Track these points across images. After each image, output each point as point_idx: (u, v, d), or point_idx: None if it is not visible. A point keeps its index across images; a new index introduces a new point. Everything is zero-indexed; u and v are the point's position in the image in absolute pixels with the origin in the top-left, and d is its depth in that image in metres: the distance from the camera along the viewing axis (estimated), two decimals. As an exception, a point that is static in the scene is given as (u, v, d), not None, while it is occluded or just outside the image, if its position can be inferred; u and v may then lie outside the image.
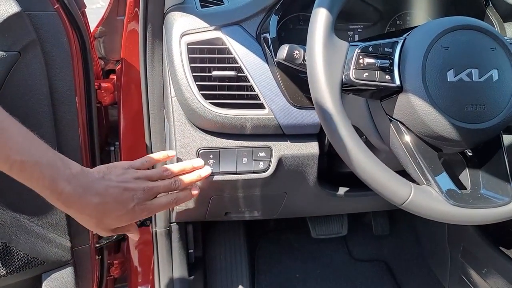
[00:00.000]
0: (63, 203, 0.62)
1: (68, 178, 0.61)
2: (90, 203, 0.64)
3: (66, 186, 0.61)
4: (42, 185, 0.59)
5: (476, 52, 0.66)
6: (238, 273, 1.47)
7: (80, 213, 0.65)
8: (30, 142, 0.58)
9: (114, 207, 0.67)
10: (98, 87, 1.12)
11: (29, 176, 0.58)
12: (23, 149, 0.57)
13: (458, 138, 0.65)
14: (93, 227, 0.69)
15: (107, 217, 0.67)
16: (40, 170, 0.58)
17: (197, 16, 0.86)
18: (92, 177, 0.66)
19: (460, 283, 1.33)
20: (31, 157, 0.57)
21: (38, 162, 0.58)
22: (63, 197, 0.61)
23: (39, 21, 0.82)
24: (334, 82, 0.64)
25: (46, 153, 0.60)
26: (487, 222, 0.67)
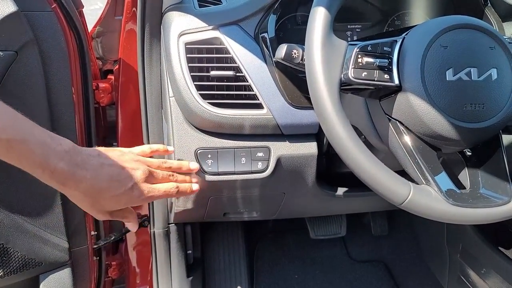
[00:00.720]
0: (56, 181, 0.59)
1: (60, 155, 0.58)
2: (84, 179, 0.61)
3: (59, 163, 0.58)
4: (32, 163, 0.56)
5: (475, 51, 0.66)
6: (237, 274, 1.47)
7: (74, 189, 0.61)
8: (14, 120, 0.55)
9: (110, 185, 0.63)
10: (96, 87, 1.12)
11: (18, 155, 0.55)
12: (8, 127, 0.54)
13: (457, 137, 0.65)
14: (88, 207, 0.65)
15: (102, 196, 0.63)
16: (29, 148, 0.55)
17: (195, 16, 0.85)
18: (86, 153, 0.62)
19: (459, 283, 1.33)
20: (17, 135, 0.54)
21: (26, 140, 0.55)
22: (56, 174, 0.58)
23: (36, 21, 0.82)
24: (332, 81, 0.64)
25: (33, 130, 0.57)
26: (487, 221, 0.66)
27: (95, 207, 0.65)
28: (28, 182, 0.87)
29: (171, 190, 0.72)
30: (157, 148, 0.79)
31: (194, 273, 1.30)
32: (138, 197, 0.67)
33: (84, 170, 0.61)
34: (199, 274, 1.37)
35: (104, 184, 0.63)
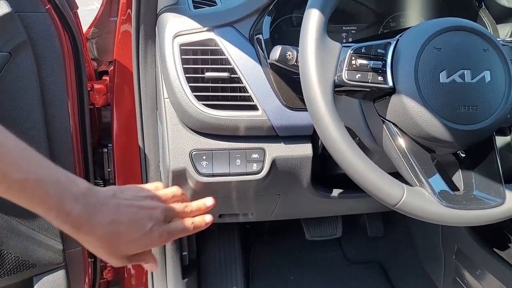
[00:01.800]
0: (71, 225, 0.54)
1: (75, 197, 0.53)
2: (101, 224, 0.56)
3: (75, 206, 0.53)
4: (47, 206, 0.52)
5: (469, 53, 0.66)
6: (233, 275, 1.46)
7: (91, 235, 0.56)
8: (29, 158, 0.51)
9: (128, 228, 0.58)
10: (91, 88, 1.12)
11: (31, 196, 0.50)
12: (22, 166, 0.49)
13: (451, 139, 0.65)
14: (105, 254, 0.59)
15: (120, 240, 0.58)
16: (44, 189, 0.51)
17: (190, 17, 0.85)
18: (101, 195, 0.58)
19: (454, 284, 1.34)
20: (32, 175, 0.50)
21: (41, 180, 0.50)
22: (71, 218, 0.53)
23: (30, 22, 0.82)
24: (326, 83, 0.64)
25: (48, 170, 0.52)
26: (480, 223, 0.66)
27: (113, 253, 0.60)
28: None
29: (189, 227, 0.66)
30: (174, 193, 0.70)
31: (190, 275, 1.30)
32: (159, 238, 0.61)
33: (101, 213, 0.56)
34: (195, 275, 1.37)
35: (122, 227, 0.58)
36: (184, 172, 0.87)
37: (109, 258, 0.60)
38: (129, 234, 0.58)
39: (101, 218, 0.56)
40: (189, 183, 0.90)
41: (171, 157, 0.87)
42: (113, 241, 0.58)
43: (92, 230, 0.55)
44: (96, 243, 0.57)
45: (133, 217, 0.59)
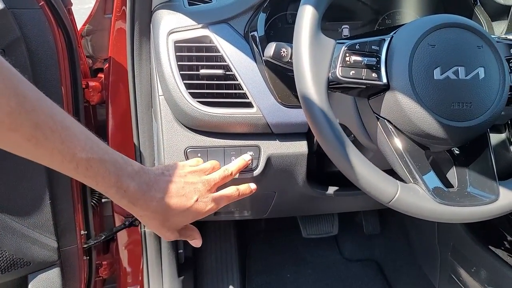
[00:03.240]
0: (128, 200, 0.61)
1: (131, 175, 0.61)
2: (154, 199, 0.63)
3: (131, 183, 0.61)
4: (107, 183, 0.59)
5: (463, 50, 0.66)
6: (229, 273, 1.46)
7: (145, 210, 0.64)
8: (92, 140, 0.57)
9: (178, 202, 0.66)
10: (86, 86, 1.11)
11: (95, 174, 0.57)
12: (87, 147, 0.55)
13: (445, 136, 0.65)
14: (159, 226, 0.67)
15: (171, 213, 0.66)
16: (106, 167, 0.57)
17: (185, 14, 0.85)
18: (152, 173, 0.65)
19: (449, 281, 1.34)
20: (95, 155, 0.56)
21: (103, 159, 0.57)
22: (129, 194, 0.61)
23: (23, 18, 0.81)
24: (320, 80, 0.64)
25: (108, 151, 0.59)
26: (473, 220, 0.67)
27: (165, 225, 0.67)
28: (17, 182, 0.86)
29: (233, 193, 0.76)
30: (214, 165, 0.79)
31: (186, 273, 1.30)
32: (205, 207, 0.69)
33: (153, 189, 0.64)
34: (191, 273, 1.37)
35: (172, 201, 0.65)
36: (179, 169, 0.87)
37: (162, 230, 0.68)
38: (178, 207, 0.66)
39: (154, 194, 0.63)
40: (184, 180, 0.90)
41: (166, 154, 0.87)
42: (165, 214, 0.65)
43: (147, 204, 0.63)
44: (150, 217, 0.65)
45: (180, 191, 0.67)
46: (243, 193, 0.78)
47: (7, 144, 0.51)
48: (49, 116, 0.51)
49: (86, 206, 1.06)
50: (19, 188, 0.87)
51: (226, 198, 0.74)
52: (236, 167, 0.80)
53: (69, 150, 0.53)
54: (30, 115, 0.49)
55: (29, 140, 0.50)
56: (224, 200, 0.73)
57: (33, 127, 0.50)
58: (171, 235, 0.70)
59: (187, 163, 0.76)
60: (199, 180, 0.71)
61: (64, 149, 0.53)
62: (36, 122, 0.50)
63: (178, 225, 0.70)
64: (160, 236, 0.71)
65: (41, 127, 0.50)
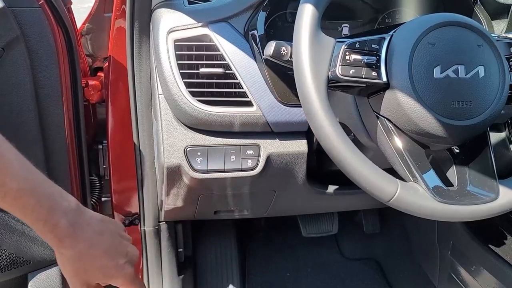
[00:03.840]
0: (55, 235, 0.57)
1: (65, 211, 0.57)
2: (82, 240, 0.58)
3: (62, 219, 0.56)
4: (36, 216, 0.55)
5: (463, 48, 0.66)
6: (229, 272, 1.46)
7: (70, 249, 0.58)
8: (27, 170, 0.54)
9: (105, 255, 0.61)
10: (86, 84, 1.11)
11: (23, 205, 0.54)
12: (20, 176, 0.53)
13: (445, 134, 0.65)
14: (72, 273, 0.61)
15: (94, 263, 0.60)
16: (36, 199, 0.54)
17: (184, 13, 0.85)
18: (90, 215, 0.61)
19: (449, 280, 1.34)
20: (28, 185, 0.53)
21: (35, 191, 0.54)
22: (57, 229, 0.56)
23: (23, 17, 0.81)
24: (320, 78, 0.64)
25: (43, 183, 0.56)
26: (473, 218, 0.67)
27: (80, 275, 0.61)
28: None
29: None
30: None
31: (186, 271, 1.30)
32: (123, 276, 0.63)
33: (86, 232, 0.59)
34: (190, 272, 1.37)
35: (100, 251, 0.61)
36: (179, 168, 0.87)
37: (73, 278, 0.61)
38: (103, 260, 0.61)
39: (84, 236, 0.58)
40: (184, 179, 0.90)
41: (165, 153, 0.87)
42: (86, 261, 0.60)
43: (73, 244, 0.58)
44: (70, 259, 0.59)
45: (113, 246, 0.62)
46: None
47: None
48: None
49: (86, 204, 1.06)
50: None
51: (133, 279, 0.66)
52: None
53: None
54: None
55: None
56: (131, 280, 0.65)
57: None
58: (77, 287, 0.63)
59: None
60: (135, 251, 0.66)
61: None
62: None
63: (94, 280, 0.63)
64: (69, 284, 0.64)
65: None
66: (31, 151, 0.88)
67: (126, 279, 0.64)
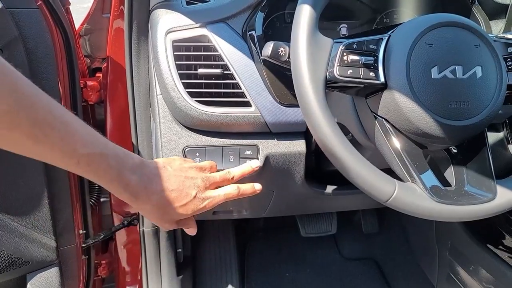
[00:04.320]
0: (130, 193, 0.62)
1: (132, 169, 0.61)
2: (155, 192, 0.64)
3: (132, 176, 0.61)
4: (109, 177, 0.59)
5: (460, 49, 0.66)
6: (228, 272, 1.47)
7: (146, 203, 0.64)
8: (92, 135, 0.57)
9: (178, 196, 0.67)
10: (84, 85, 1.11)
11: (96, 168, 0.57)
12: (88, 142, 0.55)
13: (442, 135, 0.65)
14: (158, 218, 0.69)
15: (171, 206, 0.67)
16: (107, 162, 0.58)
17: (183, 13, 0.85)
18: (153, 167, 0.66)
19: (448, 280, 1.34)
20: (96, 149, 0.56)
21: (104, 154, 0.57)
22: (130, 187, 0.61)
23: (21, 18, 0.81)
24: (318, 79, 0.64)
25: (108, 145, 0.59)
26: (471, 218, 0.67)
27: (164, 217, 0.69)
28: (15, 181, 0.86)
29: (233, 192, 0.75)
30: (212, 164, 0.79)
31: (184, 272, 1.30)
32: (203, 202, 0.70)
33: (154, 183, 0.65)
34: (189, 272, 1.37)
35: (172, 195, 0.66)
36: (177, 169, 0.87)
37: (161, 222, 0.70)
38: (178, 201, 0.67)
39: (155, 187, 0.64)
40: (183, 179, 0.90)
41: (164, 154, 0.87)
42: (165, 208, 0.66)
43: (148, 198, 0.64)
44: (151, 209, 0.66)
45: (180, 186, 0.68)
46: (243, 193, 0.77)
47: (6, 143, 0.50)
48: (47, 112, 0.51)
49: (85, 205, 1.06)
50: (17, 187, 0.87)
51: (224, 196, 0.74)
52: (240, 172, 0.79)
53: (69, 146, 0.53)
54: (28, 112, 0.49)
55: (28, 137, 0.50)
56: (222, 198, 0.74)
57: (32, 124, 0.49)
58: (169, 226, 0.72)
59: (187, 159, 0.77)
60: (198, 176, 0.71)
61: (64, 145, 0.53)
62: (35, 119, 0.49)
63: (178, 218, 0.70)
64: (159, 226, 0.72)
65: (40, 124, 0.50)
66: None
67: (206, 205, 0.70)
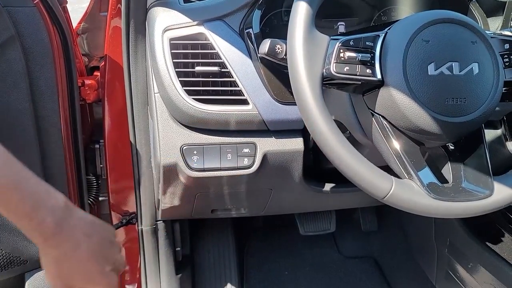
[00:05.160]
0: (40, 234, 0.55)
1: (52, 208, 0.55)
2: (69, 241, 0.56)
3: (48, 217, 0.54)
4: (21, 212, 0.53)
5: (457, 45, 0.66)
6: (227, 270, 1.47)
7: (55, 248, 0.56)
8: (11, 166, 0.53)
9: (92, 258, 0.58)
10: (82, 84, 1.11)
11: (7, 201, 0.52)
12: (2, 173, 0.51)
13: (439, 131, 0.65)
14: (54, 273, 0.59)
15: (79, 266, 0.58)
16: (21, 197, 0.52)
17: (180, 11, 0.85)
18: (79, 215, 0.59)
19: (447, 278, 1.34)
20: (11, 181, 0.52)
21: (19, 187, 0.52)
22: (42, 228, 0.54)
23: (18, 16, 0.81)
24: (314, 76, 0.64)
25: (29, 180, 0.54)
26: (468, 215, 0.67)
27: (62, 277, 0.59)
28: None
29: None
30: None
31: (183, 270, 1.30)
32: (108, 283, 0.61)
33: (72, 232, 0.57)
34: (188, 271, 1.37)
35: (86, 254, 0.58)
36: (175, 167, 0.87)
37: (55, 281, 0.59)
38: (88, 264, 0.58)
39: (71, 236, 0.56)
40: (180, 178, 0.90)
41: (162, 152, 0.87)
42: (71, 263, 0.57)
43: (59, 244, 0.56)
44: (54, 259, 0.57)
45: (101, 252, 0.59)
46: None
47: None
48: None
49: (83, 204, 1.06)
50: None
51: None
52: None
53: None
54: None
55: None
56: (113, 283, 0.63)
57: None
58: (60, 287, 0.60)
59: None
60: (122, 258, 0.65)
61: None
62: None
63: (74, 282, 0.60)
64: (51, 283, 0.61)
65: None
66: (27, 151, 0.88)
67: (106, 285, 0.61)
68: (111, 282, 0.61)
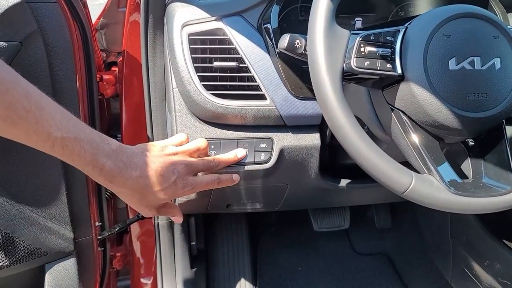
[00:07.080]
0: (105, 178, 0.64)
1: (107, 153, 0.63)
2: (130, 177, 0.65)
3: (107, 161, 0.63)
4: (83, 161, 0.61)
5: (479, 40, 0.66)
6: (241, 265, 1.47)
7: (122, 187, 0.66)
8: (68, 119, 0.59)
9: (155, 181, 0.68)
10: (100, 79, 1.12)
11: (71, 152, 0.59)
12: (62, 126, 0.58)
13: (460, 127, 0.65)
14: (136, 203, 0.70)
15: (149, 191, 0.68)
16: (81, 146, 0.60)
17: (198, 7, 0.85)
18: (131, 152, 0.67)
19: (462, 275, 1.33)
20: (70, 133, 0.59)
21: (78, 138, 0.59)
22: (105, 172, 0.63)
23: (40, 11, 0.82)
24: (335, 70, 0.64)
25: (84, 129, 0.61)
26: (489, 211, 0.66)
27: (142, 202, 0.70)
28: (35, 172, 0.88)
29: (213, 181, 0.77)
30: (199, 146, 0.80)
31: (198, 265, 1.31)
32: (182, 189, 0.71)
33: (130, 168, 0.66)
34: (203, 265, 1.39)
35: (149, 180, 0.67)
36: (193, 161, 0.88)
37: (140, 207, 0.71)
38: (156, 186, 0.68)
39: (130, 173, 0.66)
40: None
41: (179, 146, 0.87)
42: (141, 192, 0.68)
43: (123, 182, 0.65)
44: (127, 193, 0.68)
45: (159, 171, 0.68)
46: (223, 183, 0.79)
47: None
48: (23, 97, 0.54)
49: (101, 198, 1.07)
50: (37, 179, 0.88)
51: (205, 184, 0.75)
52: (224, 161, 0.80)
53: (43, 129, 0.56)
54: (3, 96, 0.52)
55: (4, 120, 0.53)
56: (202, 186, 0.75)
57: (6, 107, 0.52)
58: (149, 212, 0.73)
59: (170, 142, 0.77)
60: (181, 161, 0.72)
61: (39, 128, 0.55)
62: (10, 102, 0.52)
63: (156, 203, 0.72)
64: (139, 212, 0.73)
65: (15, 107, 0.53)
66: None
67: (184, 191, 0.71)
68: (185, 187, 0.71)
